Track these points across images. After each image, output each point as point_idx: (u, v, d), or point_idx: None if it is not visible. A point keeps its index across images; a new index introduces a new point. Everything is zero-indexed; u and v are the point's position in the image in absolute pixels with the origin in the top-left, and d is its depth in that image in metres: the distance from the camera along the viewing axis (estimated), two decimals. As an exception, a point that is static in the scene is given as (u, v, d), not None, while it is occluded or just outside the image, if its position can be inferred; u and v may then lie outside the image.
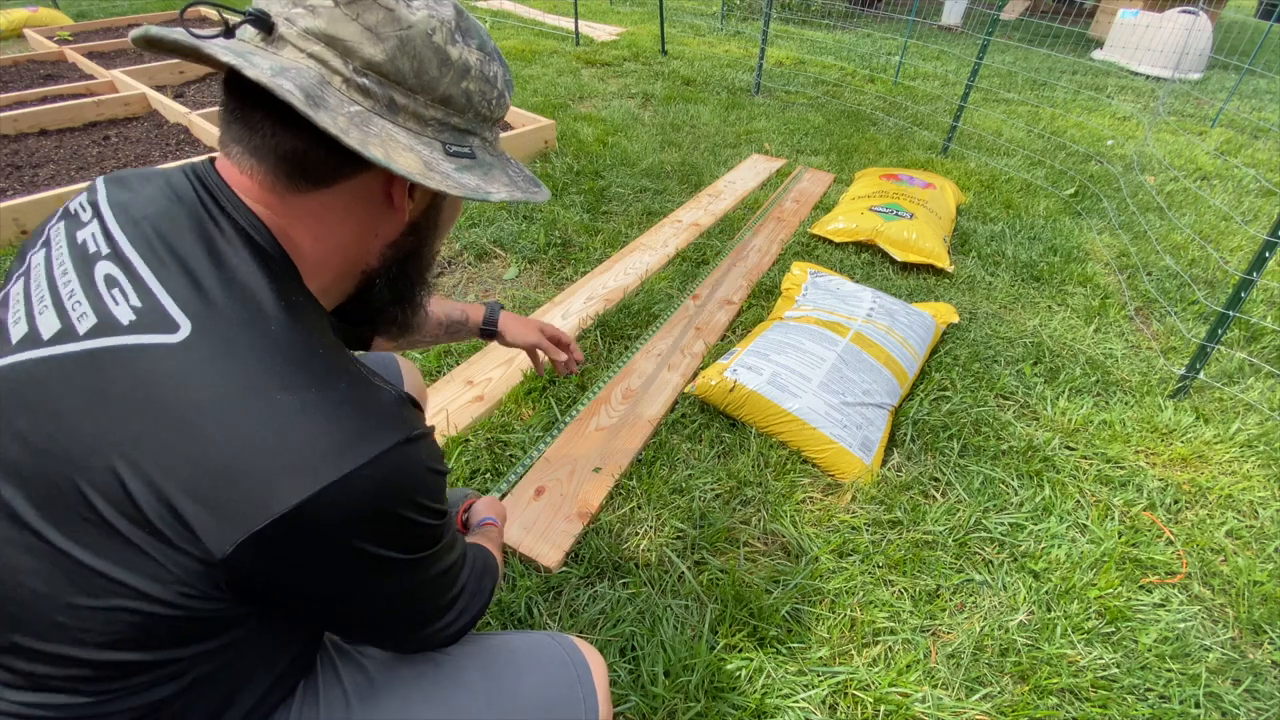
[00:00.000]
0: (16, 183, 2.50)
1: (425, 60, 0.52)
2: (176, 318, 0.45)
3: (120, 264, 0.48)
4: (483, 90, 0.57)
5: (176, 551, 0.42)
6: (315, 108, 0.47)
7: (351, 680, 0.62)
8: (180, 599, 0.44)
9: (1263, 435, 1.73)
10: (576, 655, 0.74)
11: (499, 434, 1.55)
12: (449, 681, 0.65)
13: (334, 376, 0.48)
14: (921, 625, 1.23)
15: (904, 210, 2.49)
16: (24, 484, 0.43)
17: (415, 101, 0.53)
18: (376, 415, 0.48)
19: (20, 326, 0.49)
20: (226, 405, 0.43)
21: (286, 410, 0.44)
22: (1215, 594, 1.34)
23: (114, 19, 4.82)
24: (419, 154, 0.52)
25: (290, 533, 0.43)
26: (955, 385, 1.81)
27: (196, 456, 0.42)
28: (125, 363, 0.44)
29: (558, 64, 4.75)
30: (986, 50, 3.35)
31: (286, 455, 0.43)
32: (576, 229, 2.52)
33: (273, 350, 0.46)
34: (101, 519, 0.42)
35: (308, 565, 0.47)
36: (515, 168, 0.63)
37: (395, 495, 0.48)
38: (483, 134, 0.60)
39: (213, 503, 0.42)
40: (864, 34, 6.89)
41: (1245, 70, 5.33)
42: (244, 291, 0.48)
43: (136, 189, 0.54)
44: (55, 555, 0.43)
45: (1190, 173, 3.71)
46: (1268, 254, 1.66)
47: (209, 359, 0.44)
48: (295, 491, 0.43)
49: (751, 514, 1.42)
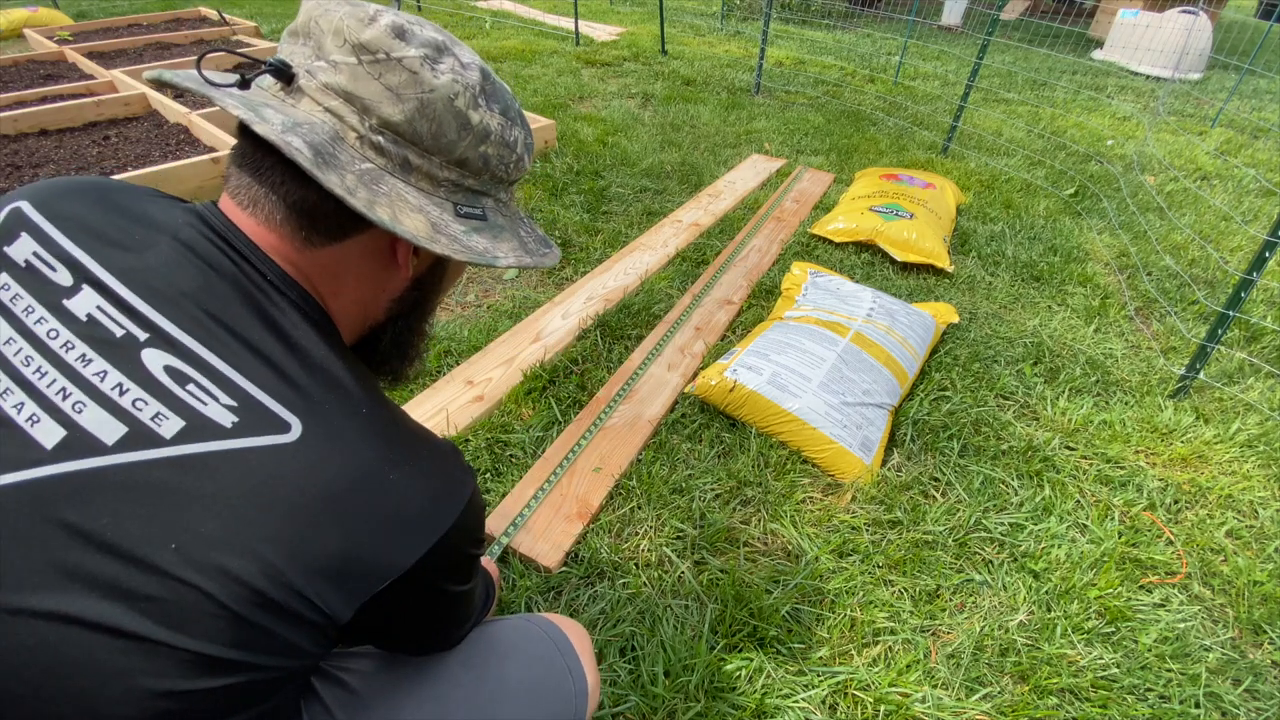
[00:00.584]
0: (16, 183, 2.50)
1: (445, 124, 0.52)
2: (285, 417, 0.46)
3: (178, 353, 0.46)
4: (501, 155, 0.56)
5: (304, 625, 0.45)
6: (324, 166, 0.47)
7: (331, 696, 0.62)
8: (290, 663, 0.46)
9: (1263, 435, 1.73)
10: (553, 630, 0.76)
11: (499, 434, 1.55)
12: (433, 681, 0.66)
13: (415, 444, 0.52)
14: (921, 625, 1.23)
15: (904, 210, 2.49)
16: (124, 596, 0.41)
17: (430, 163, 0.53)
18: (452, 471, 0.54)
19: (49, 426, 0.43)
20: (349, 496, 0.46)
21: (397, 488, 0.48)
22: (1215, 594, 1.34)
23: (114, 19, 4.82)
24: (428, 215, 0.52)
25: (400, 588, 0.48)
26: (955, 385, 1.81)
27: (325, 544, 0.45)
28: (240, 465, 0.44)
29: (558, 64, 4.75)
30: (986, 50, 3.35)
31: (403, 526, 0.48)
32: (576, 229, 2.52)
33: (372, 435, 0.49)
34: (230, 612, 0.42)
35: (405, 610, 0.52)
36: (528, 227, 0.63)
37: (469, 538, 0.55)
38: (497, 195, 0.60)
39: (340, 578, 0.45)
40: (864, 34, 6.89)
41: (1245, 70, 5.33)
42: (326, 376, 0.50)
43: (135, 248, 0.49)
44: (174, 653, 0.41)
45: (1190, 173, 3.71)
46: (1268, 254, 1.66)
47: (325, 455, 0.46)
48: (411, 553, 0.48)
49: (751, 514, 1.42)
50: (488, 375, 1.73)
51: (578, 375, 1.75)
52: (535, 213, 2.60)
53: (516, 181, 0.62)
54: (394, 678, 0.65)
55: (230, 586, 0.42)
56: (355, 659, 0.67)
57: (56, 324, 0.45)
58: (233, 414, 0.45)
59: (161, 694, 0.41)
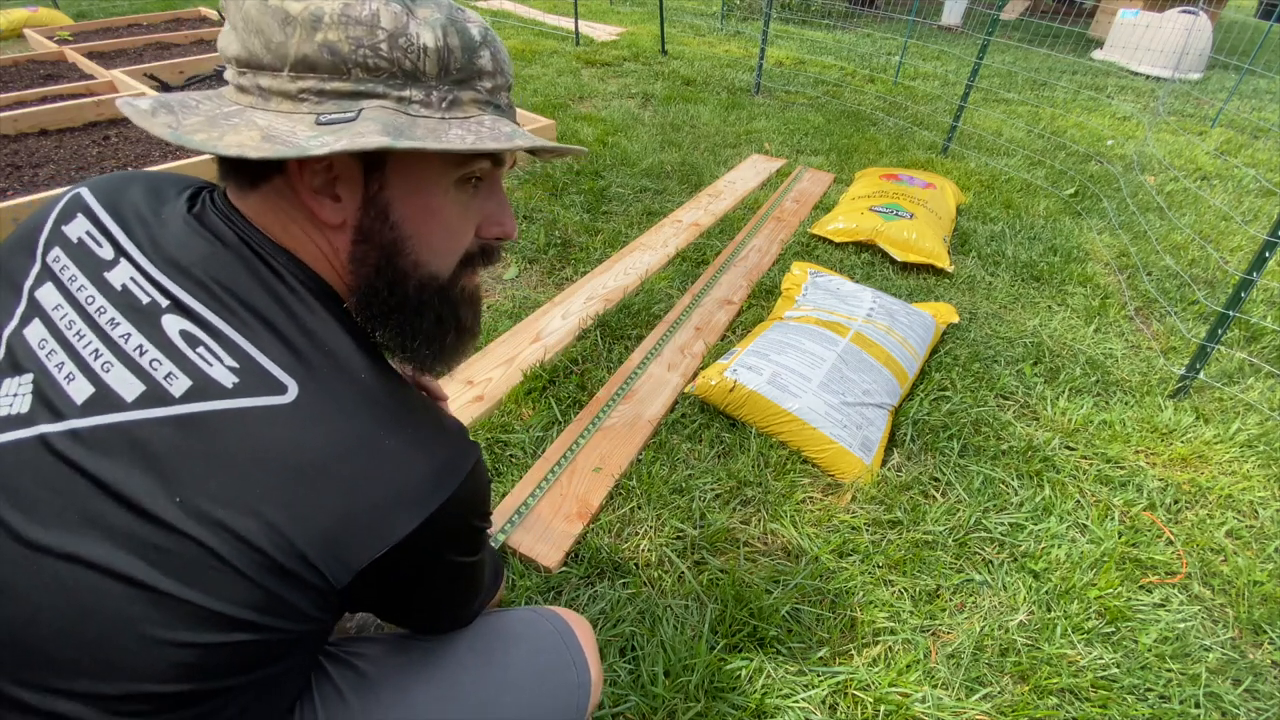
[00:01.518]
0: (16, 183, 2.50)
1: (267, 28, 0.46)
2: (282, 379, 0.47)
3: (192, 319, 0.48)
4: (356, 38, 0.46)
5: (303, 587, 0.46)
6: (156, 113, 0.48)
7: (342, 677, 0.63)
8: (291, 625, 0.47)
9: (1263, 435, 1.73)
10: (559, 622, 0.77)
11: (499, 434, 1.55)
12: (441, 663, 0.67)
13: (418, 412, 0.52)
14: (921, 625, 1.23)
15: (904, 210, 2.49)
16: (137, 546, 0.43)
17: (279, 79, 0.48)
18: (455, 441, 0.53)
19: (81, 384, 0.47)
20: (344, 459, 0.46)
21: (394, 454, 0.48)
22: (1215, 594, 1.34)
23: (114, 19, 4.82)
24: (267, 130, 0.46)
25: (400, 556, 0.48)
26: (955, 385, 1.81)
27: (322, 507, 0.45)
28: (239, 425, 0.45)
29: (558, 64, 4.75)
30: (986, 50, 3.35)
31: (401, 491, 0.48)
32: (576, 229, 2.52)
33: (370, 401, 0.49)
34: (231, 566, 0.44)
35: (407, 580, 0.52)
36: (465, 128, 0.50)
37: (474, 509, 0.55)
38: (396, 93, 0.49)
39: (338, 542, 0.46)
40: (864, 34, 6.89)
41: (1245, 70, 5.33)
42: (323, 342, 0.50)
43: (158, 225, 0.52)
44: (180, 605, 0.43)
45: (1190, 173, 3.71)
46: (1268, 254, 1.66)
47: (320, 417, 0.47)
48: (409, 521, 0.48)
49: (751, 514, 1.42)
50: (488, 375, 1.73)
51: (578, 375, 1.75)
52: (535, 212, 2.60)
53: (434, 74, 0.50)
54: (403, 662, 0.66)
55: (231, 543, 0.43)
56: (367, 644, 0.67)
57: (95, 292, 0.50)
58: (234, 375, 0.46)
59: (170, 644, 0.43)
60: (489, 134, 0.51)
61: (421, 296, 0.57)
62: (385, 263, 0.55)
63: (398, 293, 0.56)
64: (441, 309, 0.60)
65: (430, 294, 0.58)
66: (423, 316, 0.58)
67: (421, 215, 0.54)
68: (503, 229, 0.60)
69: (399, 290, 0.56)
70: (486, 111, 0.53)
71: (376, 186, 0.52)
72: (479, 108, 0.53)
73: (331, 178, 0.51)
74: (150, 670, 0.43)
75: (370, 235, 0.54)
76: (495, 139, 0.50)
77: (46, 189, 2.42)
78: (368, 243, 0.54)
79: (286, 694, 0.56)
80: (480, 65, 0.52)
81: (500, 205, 0.60)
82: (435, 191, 0.54)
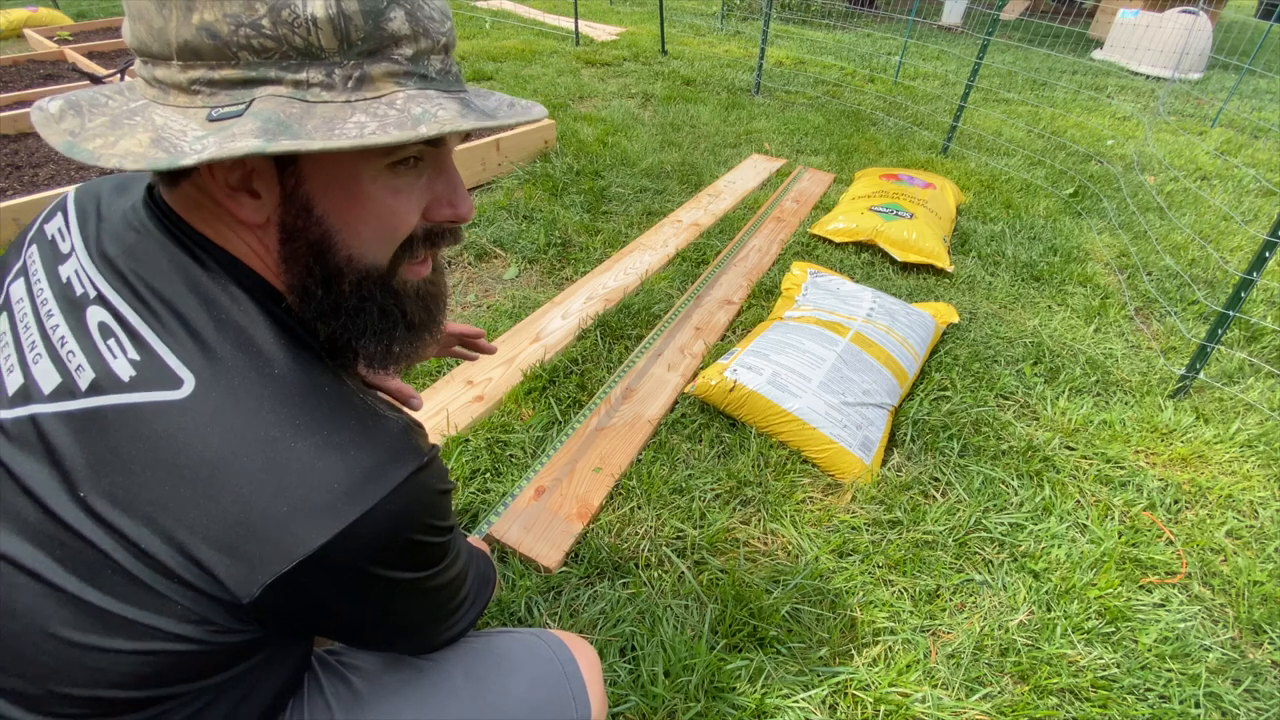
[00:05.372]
0: (16, 183, 2.50)
1: (146, 11, 0.42)
2: (179, 372, 0.44)
3: (110, 311, 0.46)
4: (232, 14, 0.40)
5: (205, 598, 0.43)
6: (61, 118, 0.44)
7: (334, 691, 0.62)
8: (211, 636, 0.44)
9: (1263, 435, 1.73)
10: (563, 651, 0.73)
11: (499, 434, 1.55)
12: (434, 688, 0.65)
13: (342, 415, 0.46)
14: (921, 625, 1.23)
15: (904, 210, 2.49)
16: (45, 542, 0.43)
17: (171, 69, 0.43)
18: (387, 448, 0.47)
19: (16, 376, 0.47)
20: (240, 459, 0.42)
21: (301, 456, 0.43)
22: (1215, 594, 1.34)
23: (114, 19, 4.82)
24: (157, 132, 0.42)
25: (315, 572, 0.43)
26: (955, 385, 1.81)
27: (216, 511, 0.42)
28: (131, 422, 0.43)
29: (558, 64, 4.75)
30: (986, 50, 3.35)
31: (306, 500, 0.43)
32: (576, 229, 2.52)
33: (280, 397, 0.45)
34: (127, 572, 0.42)
35: (332, 598, 0.47)
36: (371, 113, 0.44)
37: (410, 523, 0.48)
38: (292, 76, 0.42)
39: (237, 552, 0.42)
40: (864, 34, 6.89)
41: (1245, 70, 5.33)
42: (241, 336, 0.46)
43: (103, 218, 0.51)
44: (85, 607, 0.42)
45: (1190, 173, 3.71)
46: (1268, 254, 1.66)
47: (216, 413, 0.43)
48: (319, 533, 0.43)
49: (751, 514, 1.42)
50: (487, 375, 1.73)
51: (578, 375, 1.75)
52: (536, 213, 2.60)
53: (351, 45, 0.43)
54: (397, 680, 0.64)
55: (126, 547, 0.42)
56: (363, 657, 0.66)
57: (45, 285, 0.50)
58: (133, 368, 0.44)
59: (81, 647, 0.42)
60: (395, 119, 0.43)
61: (360, 293, 0.53)
62: (315, 261, 0.50)
63: (333, 291, 0.51)
64: (384, 302, 0.54)
65: (370, 288, 0.53)
66: (365, 313, 0.54)
67: (347, 207, 0.49)
68: (455, 210, 0.54)
69: (334, 289, 0.51)
70: (407, 85, 0.45)
71: (293, 182, 0.47)
72: (396, 82, 0.45)
73: (245, 174, 0.46)
74: (67, 674, 0.42)
75: (296, 233, 0.49)
76: (400, 125, 0.43)
77: (46, 189, 2.42)
78: (295, 240, 0.49)
79: (255, 699, 0.54)
80: (392, 30, 0.44)
81: (449, 184, 0.53)
82: (361, 180, 0.48)
